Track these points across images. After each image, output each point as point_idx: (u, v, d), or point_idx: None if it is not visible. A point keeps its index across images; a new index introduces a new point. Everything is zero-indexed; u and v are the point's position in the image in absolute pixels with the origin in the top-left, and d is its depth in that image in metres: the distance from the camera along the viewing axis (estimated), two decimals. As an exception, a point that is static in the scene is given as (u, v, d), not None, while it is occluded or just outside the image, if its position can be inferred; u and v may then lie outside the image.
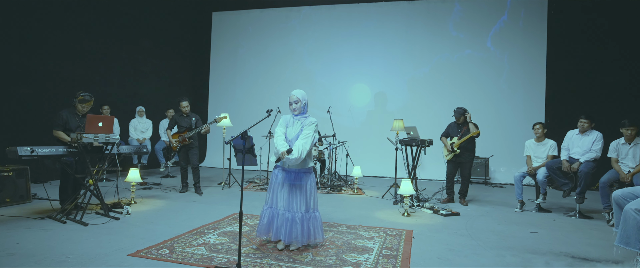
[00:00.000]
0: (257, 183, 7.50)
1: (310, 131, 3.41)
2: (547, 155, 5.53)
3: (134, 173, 5.21)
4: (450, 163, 6.05)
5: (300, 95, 3.48)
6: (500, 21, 9.21)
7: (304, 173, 3.46)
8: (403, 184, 5.00)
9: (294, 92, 3.49)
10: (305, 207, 3.43)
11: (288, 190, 3.44)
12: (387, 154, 8.98)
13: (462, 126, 5.96)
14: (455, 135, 5.99)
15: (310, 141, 3.36)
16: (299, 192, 3.42)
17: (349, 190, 6.98)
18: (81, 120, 4.41)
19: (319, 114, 9.17)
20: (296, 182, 3.44)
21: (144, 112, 8.00)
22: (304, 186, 3.44)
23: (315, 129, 3.46)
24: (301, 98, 3.47)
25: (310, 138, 3.37)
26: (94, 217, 4.38)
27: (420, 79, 9.61)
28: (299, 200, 3.42)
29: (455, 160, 5.97)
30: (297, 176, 3.44)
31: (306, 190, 3.44)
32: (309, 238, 3.42)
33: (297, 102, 3.46)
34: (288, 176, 3.46)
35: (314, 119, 3.52)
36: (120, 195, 5.52)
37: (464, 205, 5.82)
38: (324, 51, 10.27)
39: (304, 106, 3.51)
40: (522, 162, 8.96)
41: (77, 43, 7.43)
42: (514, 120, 9.04)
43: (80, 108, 4.44)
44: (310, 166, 3.50)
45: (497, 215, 5.22)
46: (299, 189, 3.43)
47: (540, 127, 5.59)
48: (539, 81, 8.92)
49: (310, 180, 3.49)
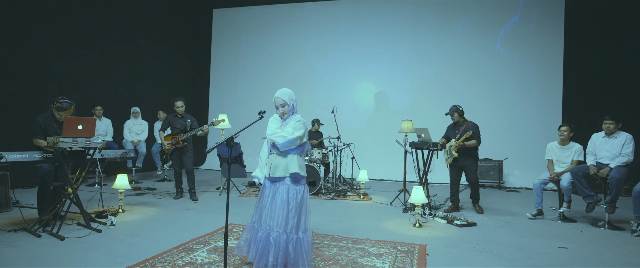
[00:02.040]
0: (257, 188, 7.09)
1: (291, 127, 2.90)
2: (572, 160, 5.05)
3: (123, 179, 4.82)
4: (452, 168, 5.59)
5: (286, 96, 2.95)
6: (511, 22, 8.72)
7: (291, 183, 2.87)
8: (414, 192, 4.56)
9: (278, 93, 2.95)
10: (285, 225, 2.79)
11: (270, 201, 2.89)
12: (394, 156, 8.54)
13: (460, 126, 5.51)
14: (453, 136, 5.54)
15: (298, 133, 2.84)
16: (281, 205, 2.82)
17: (355, 196, 6.54)
18: (61, 125, 4.01)
19: (323, 114, 8.78)
20: (277, 193, 2.86)
21: (139, 113, 7.61)
22: (286, 198, 2.83)
23: (297, 126, 2.90)
24: (287, 100, 2.94)
25: (289, 133, 2.85)
26: (74, 228, 3.99)
27: (429, 78, 9.13)
28: (279, 214, 2.82)
29: (456, 164, 5.50)
30: (281, 184, 2.88)
31: (287, 202, 2.82)
32: (286, 264, 2.79)
33: (283, 105, 2.94)
34: (272, 185, 2.93)
35: (299, 115, 3.01)
36: (109, 203, 5.13)
37: (480, 212, 5.34)
38: (328, 49, 9.84)
39: (293, 108, 3.00)
40: (537, 165, 8.60)
41: (68, 40, 7.05)
42: (527, 121, 8.56)
43: (58, 116, 4.04)
44: (294, 172, 2.86)
45: (518, 226, 4.76)
46: (281, 201, 2.83)
47: (567, 129, 5.09)
48: (555, 81, 8.42)
49: (296, 191, 2.86)
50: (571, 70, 8.26)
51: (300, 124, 2.91)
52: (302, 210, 2.88)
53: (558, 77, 8.40)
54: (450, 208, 5.53)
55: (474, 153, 5.44)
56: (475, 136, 5.27)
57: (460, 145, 5.23)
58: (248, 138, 9.21)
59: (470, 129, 5.36)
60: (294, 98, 3.01)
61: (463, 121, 5.53)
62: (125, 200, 5.54)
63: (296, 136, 2.83)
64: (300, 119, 2.95)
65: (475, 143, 5.28)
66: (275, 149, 2.95)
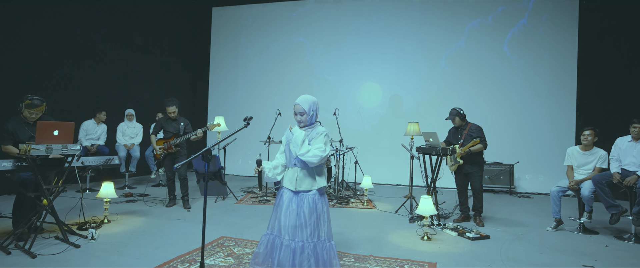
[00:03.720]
0: (255, 194, 6.76)
1: (320, 143, 2.69)
2: (594, 167, 4.65)
3: (107, 188, 4.49)
4: (456, 175, 5.20)
5: (307, 104, 2.73)
6: (520, 24, 8.31)
7: (318, 194, 2.76)
8: (422, 202, 4.18)
9: (299, 100, 2.76)
10: (318, 235, 2.72)
11: (295, 214, 2.72)
12: (400, 160, 8.17)
13: (462, 131, 5.11)
14: (456, 141, 5.14)
15: (320, 152, 2.64)
16: (309, 216, 2.71)
17: (358, 203, 6.18)
18: (33, 128, 3.67)
19: (326, 116, 8.40)
20: (303, 205, 2.73)
21: (134, 116, 7.28)
22: (313, 208, 2.73)
23: (325, 139, 2.73)
24: (307, 109, 2.73)
25: (320, 150, 2.65)
26: (50, 243, 3.65)
27: (436, 79, 8.73)
28: (309, 225, 2.71)
29: (462, 171, 5.10)
30: (306, 195, 2.74)
31: (316, 213, 2.73)
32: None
33: (302, 113, 2.73)
34: (295, 196, 2.76)
35: (323, 128, 2.79)
36: (95, 212, 4.81)
37: (480, 225, 4.91)
38: (331, 47, 9.47)
39: (312, 117, 2.78)
40: (549, 169, 8.21)
41: (56, 37, 6.74)
42: (538, 124, 8.14)
43: (28, 115, 3.70)
44: (322, 186, 2.78)
45: (535, 239, 4.37)
46: (309, 213, 2.72)
47: (591, 133, 4.66)
48: (568, 83, 7.99)
49: (322, 203, 2.77)
50: (586, 71, 7.84)
51: (328, 138, 2.77)
52: (329, 219, 2.82)
53: (572, 79, 7.97)
54: (460, 217, 5.15)
55: (479, 160, 5.04)
56: (480, 141, 4.89)
57: (465, 152, 4.83)
58: (248, 141, 8.94)
59: (474, 132, 4.97)
60: (315, 107, 2.78)
61: (465, 124, 5.14)
62: (114, 208, 5.22)
63: (327, 154, 2.67)
64: (326, 133, 2.77)
65: (481, 147, 4.90)
66: (299, 162, 2.75)
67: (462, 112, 5.12)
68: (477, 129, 5.01)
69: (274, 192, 6.84)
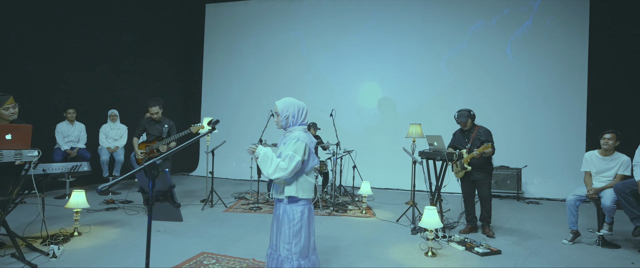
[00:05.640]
0: (247, 200, 6.33)
1: (289, 150, 2.34)
2: (616, 174, 4.21)
3: (78, 197, 4.06)
4: (463, 182, 4.73)
5: (281, 105, 2.50)
6: (525, 25, 7.87)
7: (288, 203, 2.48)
8: (426, 214, 3.75)
9: (277, 102, 2.54)
10: (288, 250, 2.44)
11: (276, 223, 2.54)
12: (401, 163, 7.74)
13: (470, 134, 4.65)
14: (463, 146, 4.67)
15: (286, 163, 2.31)
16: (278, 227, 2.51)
17: (356, 210, 5.75)
18: None
19: (324, 117, 7.98)
20: (278, 213, 2.52)
21: (118, 117, 6.85)
22: (283, 219, 2.47)
23: (297, 146, 2.36)
24: (281, 110, 2.49)
25: (287, 160, 2.32)
26: (5, 262, 3.23)
27: (439, 79, 8.29)
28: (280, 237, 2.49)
29: (469, 178, 4.65)
30: (281, 204, 2.52)
31: (284, 224, 2.47)
32: None
33: (276, 114, 2.51)
34: (277, 204, 2.57)
35: (298, 133, 2.43)
36: (69, 223, 4.39)
37: (490, 236, 4.48)
38: (329, 46, 9.04)
39: (288, 118, 2.48)
40: (558, 173, 7.74)
41: (40, 34, 6.32)
42: (545, 127, 7.71)
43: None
44: (290, 195, 2.44)
45: (551, 253, 3.94)
46: (278, 223, 2.51)
47: (612, 137, 4.22)
48: (578, 83, 7.55)
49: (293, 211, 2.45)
50: (597, 72, 7.41)
51: (300, 144, 2.39)
52: (298, 234, 2.45)
53: (582, 79, 7.53)
54: (467, 228, 4.71)
55: (488, 165, 4.60)
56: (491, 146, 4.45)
57: (478, 155, 4.39)
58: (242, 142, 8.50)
59: (483, 136, 4.52)
60: (293, 110, 2.48)
61: (473, 127, 4.68)
62: (90, 217, 4.81)
63: (294, 166, 2.33)
64: (299, 138, 2.40)
65: (492, 152, 4.45)
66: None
67: (473, 114, 4.66)
68: (486, 133, 4.57)
69: (267, 198, 6.42)
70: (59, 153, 6.02)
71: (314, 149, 2.54)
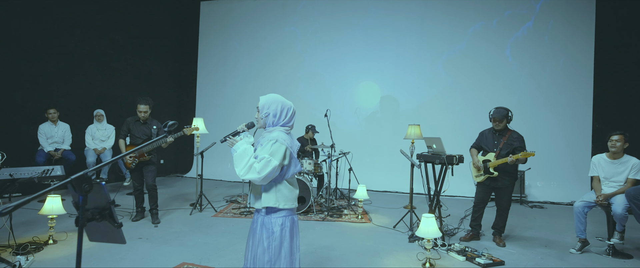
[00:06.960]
0: (238, 204, 6.07)
1: (264, 153, 2.09)
2: (627, 179, 3.94)
3: (53, 202, 3.81)
4: (481, 187, 4.38)
5: (263, 100, 2.28)
6: (525, 26, 7.60)
7: (265, 214, 2.21)
8: (424, 222, 3.49)
9: (261, 96, 2.33)
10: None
11: (251, 237, 2.27)
12: (399, 165, 7.47)
13: (502, 136, 4.33)
14: (491, 148, 4.36)
15: (261, 166, 2.06)
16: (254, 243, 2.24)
17: (352, 215, 5.49)
18: None
19: (320, 117, 7.72)
20: (255, 226, 2.26)
21: (104, 117, 6.60)
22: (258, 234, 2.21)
23: (274, 149, 2.10)
24: (261, 105, 2.28)
25: (262, 163, 2.07)
26: (-34, 274, 2.99)
27: (438, 79, 8.02)
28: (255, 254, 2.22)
29: (490, 184, 4.32)
30: (258, 215, 2.27)
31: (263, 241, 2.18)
32: None
33: (257, 110, 2.31)
34: (255, 215, 2.30)
35: (277, 134, 2.17)
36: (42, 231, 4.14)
37: (501, 245, 4.22)
38: (326, 45, 8.78)
39: (268, 116, 2.24)
40: (561, 176, 7.46)
41: (25, 30, 6.07)
42: (548, 128, 7.43)
43: None
44: (268, 206, 2.17)
45: (558, 264, 3.68)
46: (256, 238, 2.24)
47: (620, 138, 3.96)
48: (583, 83, 7.28)
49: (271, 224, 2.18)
50: (603, 72, 7.14)
51: (278, 146, 2.13)
52: (282, 248, 2.17)
53: (587, 79, 7.26)
54: (469, 235, 4.44)
55: (515, 172, 4.27)
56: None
57: (512, 162, 3.99)
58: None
59: (516, 141, 4.16)
60: (274, 109, 2.24)
61: (505, 130, 4.32)
62: (69, 223, 4.55)
63: (269, 171, 2.07)
64: (278, 139, 2.14)
65: (525, 160, 4.14)
66: None
67: (511, 115, 4.27)
68: (519, 138, 4.21)
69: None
70: (42, 154, 5.77)
71: (296, 153, 2.27)
